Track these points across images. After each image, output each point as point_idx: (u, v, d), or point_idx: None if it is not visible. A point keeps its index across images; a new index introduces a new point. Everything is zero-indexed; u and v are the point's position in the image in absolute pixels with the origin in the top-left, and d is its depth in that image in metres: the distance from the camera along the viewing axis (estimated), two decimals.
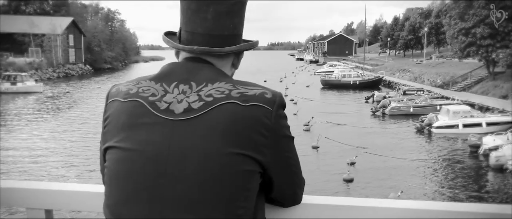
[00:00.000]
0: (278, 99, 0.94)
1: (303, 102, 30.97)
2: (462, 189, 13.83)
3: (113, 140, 0.94)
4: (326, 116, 25.43)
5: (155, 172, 0.88)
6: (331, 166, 15.72)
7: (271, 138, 0.92)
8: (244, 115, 0.90)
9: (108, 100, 1.00)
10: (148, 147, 0.89)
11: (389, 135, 21.73)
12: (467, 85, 35.01)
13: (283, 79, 50.34)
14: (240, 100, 0.91)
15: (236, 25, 1.01)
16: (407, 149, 18.58)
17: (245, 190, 0.89)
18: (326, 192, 12.86)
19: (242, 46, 1.03)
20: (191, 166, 0.87)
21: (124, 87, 0.98)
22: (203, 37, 0.98)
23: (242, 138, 0.89)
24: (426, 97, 29.22)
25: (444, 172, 15.96)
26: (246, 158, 0.89)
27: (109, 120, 0.97)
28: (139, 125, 0.91)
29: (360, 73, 47.28)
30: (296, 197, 1.06)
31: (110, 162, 0.95)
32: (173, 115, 0.90)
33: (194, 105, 0.90)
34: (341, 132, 21.28)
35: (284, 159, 0.97)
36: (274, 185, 0.99)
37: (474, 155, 17.46)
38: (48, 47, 51.83)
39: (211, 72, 0.96)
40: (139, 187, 0.89)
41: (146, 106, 0.92)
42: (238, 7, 1.00)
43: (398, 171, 15.41)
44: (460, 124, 21.27)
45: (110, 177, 0.94)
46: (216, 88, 0.92)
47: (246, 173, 0.89)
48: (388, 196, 12.33)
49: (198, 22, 0.97)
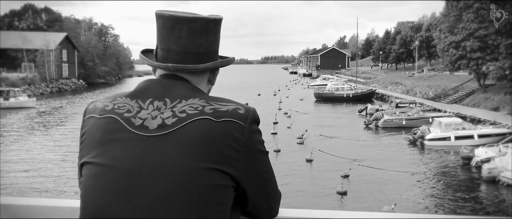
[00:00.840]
0: (251, 115, 0.97)
1: (297, 115, 31.03)
2: (455, 201, 13.85)
3: (89, 156, 0.96)
4: (320, 128, 25.48)
5: (128, 187, 0.89)
6: (324, 179, 15.69)
7: (244, 152, 0.94)
8: (216, 130, 0.92)
9: (85, 116, 1.02)
10: (121, 163, 0.91)
11: (382, 148, 21.79)
12: (459, 98, 35.32)
13: (277, 93, 50.47)
14: (213, 116, 0.93)
15: (211, 43, 1.03)
16: (400, 161, 18.62)
17: (218, 204, 0.91)
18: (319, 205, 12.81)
19: (217, 63, 1.05)
20: (163, 181, 0.88)
21: (100, 104, 1.00)
22: (177, 55, 1.01)
23: (214, 152, 0.90)
24: (419, 110, 29.42)
25: (437, 184, 15.99)
26: (218, 172, 0.90)
27: (86, 136, 0.99)
28: (114, 140, 0.93)
29: (353, 86, 47.55)
30: (271, 210, 1.07)
31: (85, 177, 0.96)
32: (147, 131, 0.92)
33: (168, 121, 0.92)
34: (334, 145, 21.30)
35: (257, 173, 0.99)
36: (248, 198, 1.00)
37: (467, 167, 17.52)
38: (41, 62, 51.67)
39: (185, 89, 0.98)
40: (111, 203, 0.90)
41: (121, 123, 0.94)
42: (212, 25, 1.02)
43: (392, 183, 15.42)
44: (452, 136, 21.39)
45: (84, 192, 0.95)
46: (189, 105, 0.94)
47: (218, 187, 0.91)
48: (382, 208, 12.32)
49: (172, 40, 1.00)
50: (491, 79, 32.60)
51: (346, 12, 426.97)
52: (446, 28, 34.50)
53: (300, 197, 13.73)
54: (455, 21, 33.39)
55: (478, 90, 34.45)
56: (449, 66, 35.69)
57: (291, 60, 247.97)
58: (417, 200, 13.77)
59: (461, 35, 32.40)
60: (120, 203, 0.89)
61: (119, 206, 0.89)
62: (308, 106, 38.99)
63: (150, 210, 0.88)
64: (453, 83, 38.88)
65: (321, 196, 13.96)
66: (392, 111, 30.52)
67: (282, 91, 53.17)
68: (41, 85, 50.28)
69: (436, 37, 38.64)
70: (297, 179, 15.77)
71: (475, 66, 32.21)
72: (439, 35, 36.29)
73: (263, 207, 1.05)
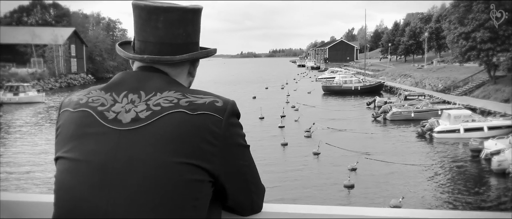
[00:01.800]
0: (229, 108, 0.93)
1: (305, 108, 30.94)
2: (464, 194, 13.72)
3: (62, 150, 0.94)
4: (327, 122, 25.38)
5: (100, 182, 0.87)
6: (332, 172, 15.65)
7: (221, 146, 0.91)
8: (191, 124, 0.88)
9: (61, 110, 0.99)
10: (94, 157, 0.89)
11: (390, 140, 21.65)
12: (469, 90, 34.91)
13: (284, 86, 50.37)
14: (188, 109, 0.90)
15: (189, 33, 1.00)
16: (408, 154, 18.49)
17: (193, 200, 0.88)
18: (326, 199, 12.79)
19: (194, 54, 1.01)
20: (136, 176, 0.86)
21: (75, 97, 0.98)
22: (154, 46, 0.98)
23: (189, 146, 0.87)
24: (427, 102, 29.15)
25: (445, 177, 15.85)
26: (193, 167, 0.88)
27: (60, 130, 0.97)
28: (87, 135, 0.91)
29: (362, 79, 47.26)
30: (254, 205, 1.05)
31: (58, 172, 0.94)
32: (121, 125, 0.89)
33: (141, 114, 0.89)
34: (342, 138, 21.21)
35: (236, 167, 0.96)
36: (227, 193, 0.97)
37: (476, 159, 17.34)
38: (50, 58, 52.14)
39: (161, 82, 0.95)
40: (84, 198, 0.88)
41: (94, 116, 0.92)
42: (191, 15, 0.99)
43: (400, 176, 15.31)
44: (461, 128, 21.17)
45: (57, 187, 0.93)
46: (164, 98, 0.91)
47: (193, 183, 0.88)
48: (390, 202, 12.25)
49: (149, 31, 0.97)
50: (501, 70, 32.17)
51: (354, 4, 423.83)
52: (455, 19, 34.04)
53: (307, 190, 13.71)
54: (465, 12, 32.91)
55: (488, 82, 34.00)
56: (459, 58, 35.28)
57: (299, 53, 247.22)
58: (425, 194, 13.66)
59: (471, 26, 31.94)
60: (94, 198, 0.87)
61: (92, 202, 0.87)
62: (316, 99, 38.85)
63: (124, 205, 0.85)
64: (463, 75, 38.42)
65: (328, 189, 13.91)
66: (400, 103, 30.29)
67: (289, 84, 53.05)
68: (50, 80, 50.79)
69: (445, 29, 38.17)
70: (304, 172, 15.75)
71: (485, 57, 31.78)
72: (449, 26, 35.84)
73: (244, 202, 1.02)
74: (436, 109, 26.67)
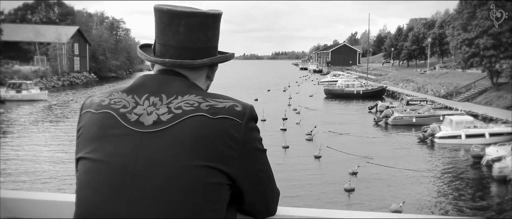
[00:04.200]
0: (249, 112, 0.95)
1: (306, 112, 30.92)
2: (465, 200, 13.70)
3: (84, 151, 0.95)
4: (329, 125, 25.36)
5: (121, 183, 0.89)
6: (333, 176, 15.64)
7: (240, 150, 0.93)
8: (212, 127, 0.90)
9: (82, 111, 1.01)
10: (115, 159, 0.90)
11: (391, 145, 21.62)
12: (471, 96, 34.85)
13: (286, 89, 50.32)
14: (209, 113, 0.91)
15: (210, 38, 1.02)
16: (409, 159, 18.47)
17: (212, 203, 0.89)
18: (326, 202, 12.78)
19: (215, 58, 1.03)
20: (156, 178, 0.87)
21: (97, 99, 1.00)
22: (175, 50, 0.99)
23: (209, 150, 0.89)
24: (429, 108, 29.10)
25: (446, 182, 15.83)
26: (213, 170, 0.89)
27: (82, 131, 0.98)
28: (109, 136, 0.93)
29: (364, 83, 47.21)
30: (269, 209, 1.06)
31: (80, 172, 0.96)
32: (142, 127, 0.91)
33: (163, 117, 0.91)
34: (343, 142, 21.20)
35: (254, 171, 0.98)
36: (244, 197, 0.99)
37: (477, 165, 17.30)
38: (53, 56, 52.23)
39: (182, 85, 0.97)
40: (105, 199, 0.89)
41: (116, 118, 0.93)
42: (211, 20, 1.01)
43: (401, 181, 15.30)
44: (463, 134, 21.14)
45: (79, 187, 0.95)
46: (185, 101, 0.93)
47: (213, 186, 0.89)
48: (390, 206, 12.24)
49: (170, 35, 0.99)
50: (504, 77, 32.10)
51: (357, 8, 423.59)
52: (459, 25, 34.01)
53: (307, 194, 13.71)
54: (468, 18, 32.89)
55: (491, 89, 33.94)
56: (462, 64, 35.22)
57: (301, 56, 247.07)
58: (426, 199, 13.64)
59: (475, 32, 31.91)
60: (114, 199, 0.89)
61: (112, 202, 0.89)
62: (318, 102, 38.83)
63: (144, 206, 0.87)
64: (465, 81, 38.35)
65: (328, 193, 13.91)
66: (402, 108, 30.25)
67: (292, 87, 53.01)
68: (53, 78, 50.85)
69: (449, 34, 38.12)
70: (305, 175, 15.74)
71: (488, 64, 31.74)
72: (452, 32, 35.79)
73: (260, 205, 1.04)
74: (438, 115, 26.64)
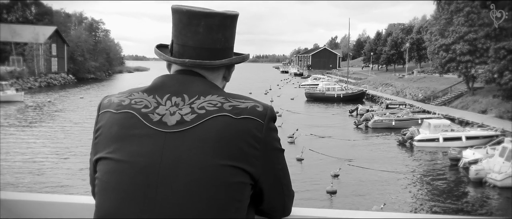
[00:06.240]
0: (269, 113, 0.97)
1: (288, 114, 31.09)
2: (443, 201, 14.03)
3: (105, 151, 0.94)
4: (310, 128, 25.58)
5: (146, 183, 0.89)
6: (315, 178, 15.77)
7: (262, 150, 0.94)
8: (236, 128, 0.91)
9: (100, 111, 1.00)
10: (139, 159, 0.90)
11: (372, 148, 21.96)
12: (448, 100, 35.72)
13: (268, 92, 50.48)
14: (232, 113, 0.92)
15: (227, 39, 1.03)
16: (389, 162, 18.79)
17: (236, 202, 0.91)
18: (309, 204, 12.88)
19: (233, 59, 1.05)
20: (182, 178, 0.88)
21: (116, 99, 0.99)
22: (194, 50, 1.00)
23: (234, 150, 0.90)
24: (408, 111, 29.70)
25: (425, 184, 16.18)
26: (238, 170, 0.90)
27: (101, 131, 0.97)
28: (131, 136, 0.92)
29: (344, 86, 47.80)
30: (285, 209, 1.08)
31: (101, 173, 0.95)
32: (166, 127, 0.91)
33: (187, 117, 0.91)
34: (325, 144, 21.41)
35: (274, 171, 0.99)
36: (264, 196, 1.00)
37: (454, 168, 17.76)
38: (30, 56, 50.96)
39: (203, 85, 0.98)
40: (129, 199, 0.89)
41: (138, 118, 0.93)
42: (229, 21, 1.02)
43: (381, 183, 15.55)
44: (440, 138, 21.65)
45: (100, 188, 0.94)
46: (208, 101, 0.94)
47: (237, 185, 0.90)
48: (372, 208, 12.43)
49: (189, 36, 0.99)
50: (479, 82, 33.02)
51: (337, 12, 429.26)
52: (436, 31, 34.85)
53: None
54: (445, 24, 33.76)
55: (466, 93, 34.88)
56: (439, 69, 36.06)
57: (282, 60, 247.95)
58: (406, 200, 13.91)
59: (451, 38, 32.76)
60: (138, 199, 0.88)
61: (137, 202, 0.89)
62: (299, 105, 39.09)
63: (169, 207, 0.87)
64: (442, 85, 39.30)
65: (311, 195, 14.01)
66: (382, 111, 30.76)
67: (273, 90, 53.21)
68: (30, 79, 49.61)
69: (426, 40, 38.99)
70: None
71: (464, 69, 32.60)
72: (430, 37, 36.65)
73: (278, 205, 1.05)
74: (416, 118, 27.20)
